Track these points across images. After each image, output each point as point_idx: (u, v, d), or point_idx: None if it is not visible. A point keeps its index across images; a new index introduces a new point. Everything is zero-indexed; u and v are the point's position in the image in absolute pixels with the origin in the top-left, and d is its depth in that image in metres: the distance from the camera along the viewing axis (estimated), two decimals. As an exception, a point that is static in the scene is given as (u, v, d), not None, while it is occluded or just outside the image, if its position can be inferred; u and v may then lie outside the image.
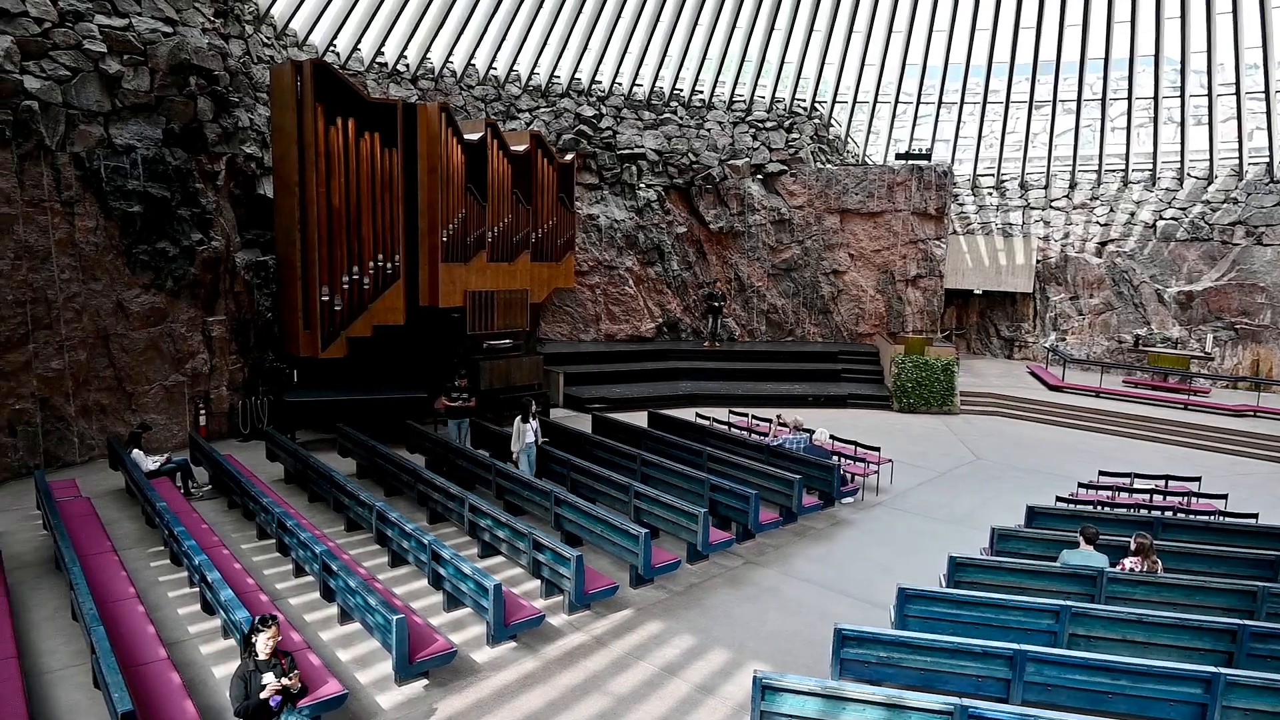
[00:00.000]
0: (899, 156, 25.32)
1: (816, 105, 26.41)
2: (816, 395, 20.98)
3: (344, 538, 10.91)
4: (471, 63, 23.47)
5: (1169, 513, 11.68)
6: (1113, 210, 25.09)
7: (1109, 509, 11.94)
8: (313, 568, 9.07)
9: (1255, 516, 10.96)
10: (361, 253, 15.49)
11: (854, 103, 26.69)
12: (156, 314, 14.59)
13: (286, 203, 15.17)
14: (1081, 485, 13.02)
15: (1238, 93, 22.55)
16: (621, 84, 25.20)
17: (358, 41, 21.35)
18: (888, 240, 24.71)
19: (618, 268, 24.08)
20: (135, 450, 12.47)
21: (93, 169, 13.56)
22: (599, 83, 24.99)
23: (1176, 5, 21.85)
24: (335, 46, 21.20)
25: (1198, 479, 12.82)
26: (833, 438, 14.72)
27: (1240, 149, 23.24)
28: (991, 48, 24.47)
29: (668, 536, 10.82)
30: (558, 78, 24.58)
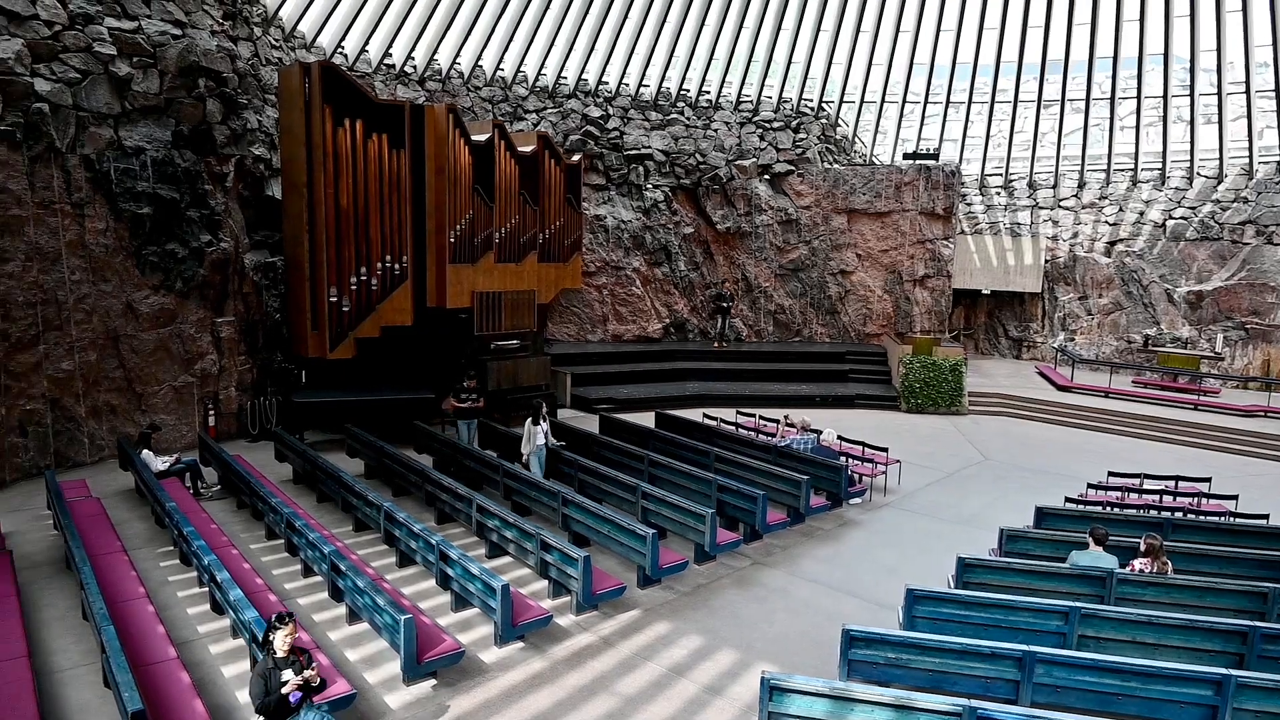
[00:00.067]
0: (906, 156, 25.26)
1: (824, 105, 26.36)
2: (824, 395, 20.95)
3: (352, 538, 10.94)
4: (479, 64, 23.51)
5: (1179, 514, 11.62)
6: (1122, 210, 24.99)
7: (1118, 510, 11.90)
8: (321, 568, 9.10)
9: (1266, 517, 10.90)
10: (369, 254, 15.54)
11: (861, 102, 26.65)
12: (166, 315, 14.67)
13: (295, 204, 15.24)
14: (1090, 486, 12.96)
15: (1247, 91, 22.44)
16: (628, 84, 25.21)
17: (365, 43, 21.41)
18: (895, 240, 24.66)
19: (625, 268, 24.09)
20: (145, 451, 12.54)
21: (103, 171, 13.63)
22: (606, 83, 25.01)
23: (1185, 4, 21.75)
24: (343, 48, 21.27)
25: (1208, 480, 12.76)
26: (840, 438, 14.69)
27: (1250, 148, 23.12)
28: (999, 47, 24.41)
29: (675, 537, 10.82)
30: (565, 78, 24.60)
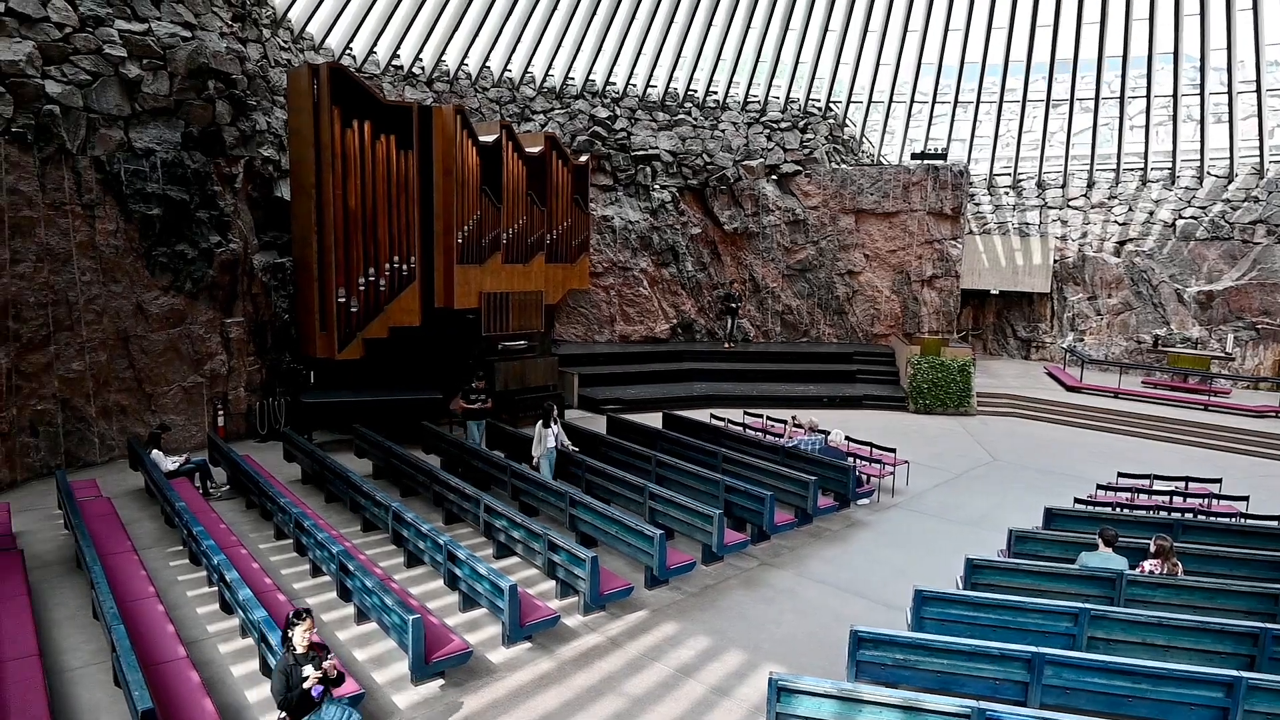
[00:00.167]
0: (914, 156, 25.19)
1: (831, 105, 26.32)
2: (832, 396, 20.91)
3: (360, 538, 10.98)
4: (486, 65, 23.56)
5: (1189, 515, 11.56)
6: (1131, 209, 24.87)
7: (1128, 511, 11.84)
8: (330, 568, 9.13)
9: (1277, 519, 10.83)
10: (377, 254, 15.58)
11: (869, 102, 26.59)
12: (175, 316, 14.73)
13: (303, 205, 15.29)
14: (1100, 487, 12.91)
15: (1258, 90, 22.30)
16: (636, 85, 25.22)
17: (374, 44, 21.48)
18: (903, 240, 24.60)
19: (632, 269, 24.09)
20: (155, 451, 12.60)
21: (113, 172, 13.71)
22: (613, 84, 25.03)
23: (1195, 2, 21.64)
24: (351, 50, 21.34)
25: (1218, 480, 12.69)
26: (848, 439, 14.66)
27: (1261, 147, 22.98)
28: (1008, 46, 24.32)
29: (683, 538, 10.81)
30: (572, 79, 24.63)
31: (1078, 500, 11.82)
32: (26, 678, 6.75)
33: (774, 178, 24.78)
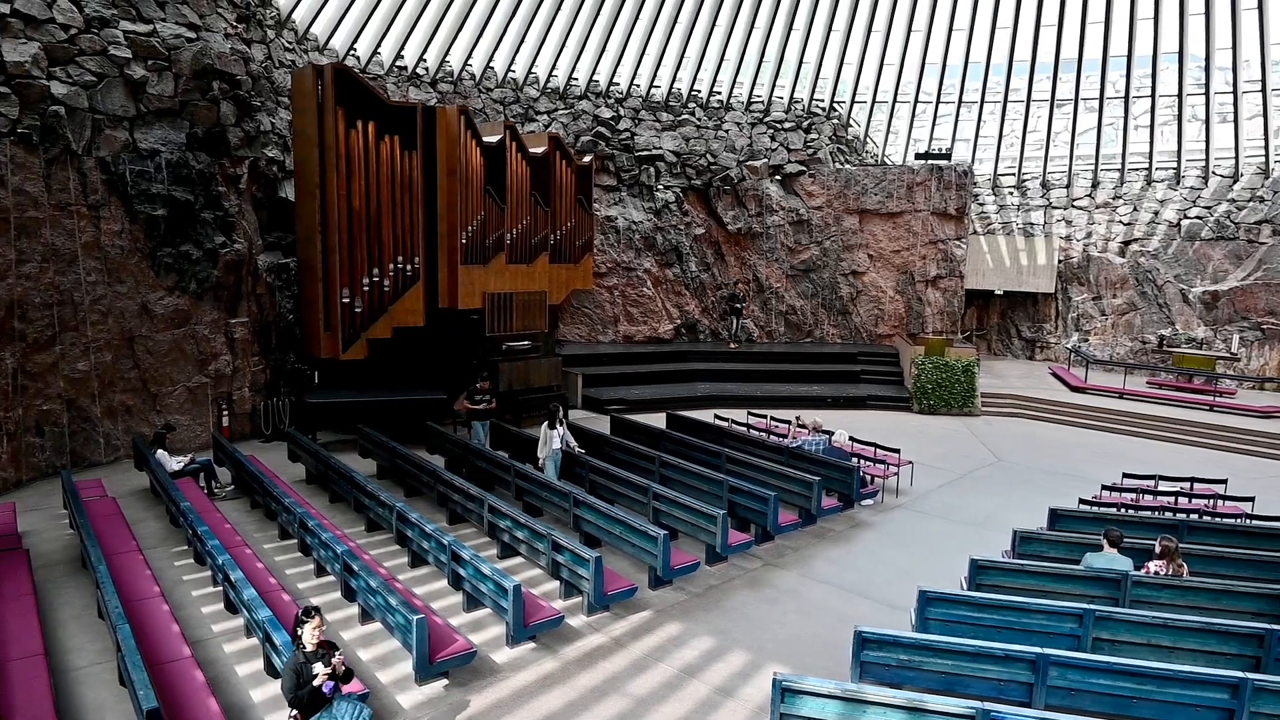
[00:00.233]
0: (918, 156, 25.17)
1: (835, 105, 26.30)
2: (835, 397, 20.89)
3: (365, 538, 10.98)
4: (490, 65, 23.58)
5: (1194, 515, 11.53)
6: (1136, 209, 24.82)
7: (1133, 511, 11.81)
8: (334, 568, 9.14)
9: (1283, 520, 10.81)
10: (381, 255, 15.60)
11: (873, 102, 26.57)
12: (180, 316, 14.77)
13: (308, 205, 15.31)
14: (1105, 487, 12.87)
15: (1263, 89, 22.25)
16: (639, 85, 25.23)
17: (378, 45, 21.51)
18: (907, 241, 24.57)
19: (636, 269, 24.10)
20: (160, 450, 12.63)
21: (118, 173, 13.74)
22: (617, 84, 25.04)
23: (1200, 2, 21.59)
24: (355, 51, 21.37)
25: (1224, 481, 12.66)
26: (852, 439, 14.64)
27: (1266, 146, 22.92)
28: (1012, 46, 24.30)
29: (686, 538, 10.81)
30: (576, 80, 24.64)
31: (1082, 501, 11.79)
32: (32, 677, 6.77)
33: (778, 178, 24.77)
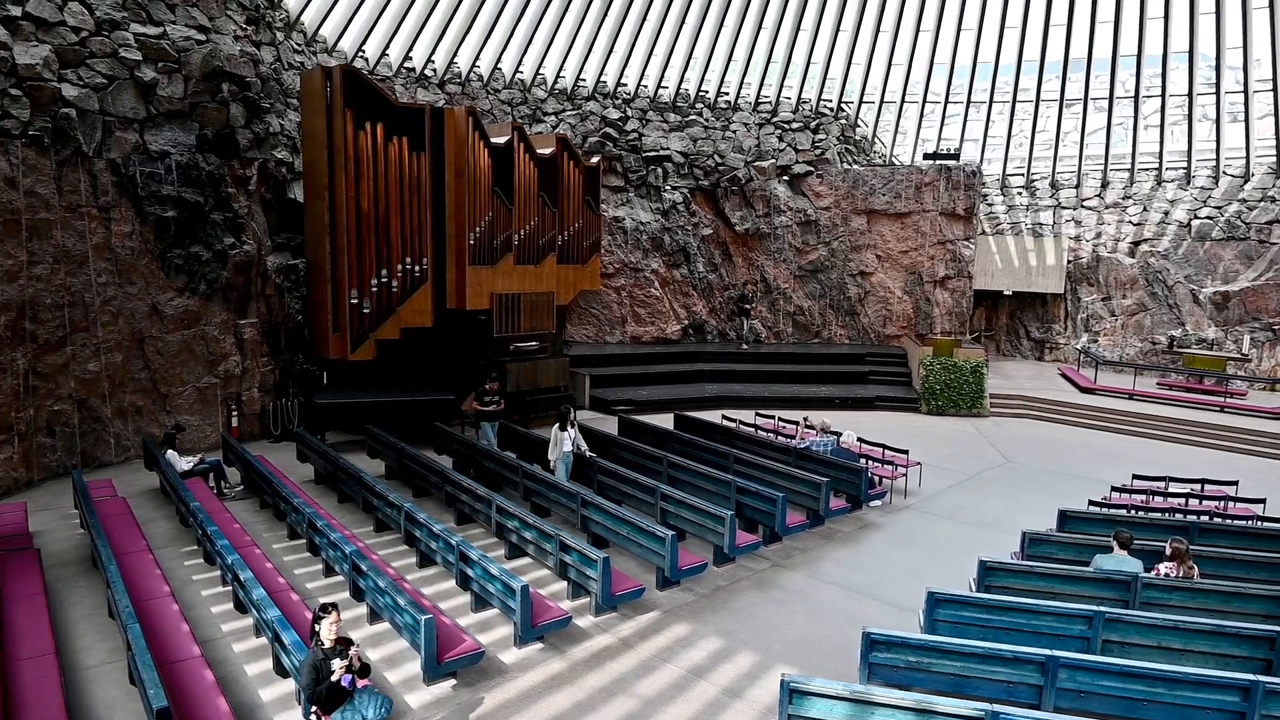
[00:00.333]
0: (927, 156, 25.09)
1: (843, 105, 26.24)
2: (843, 397, 20.84)
3: (373, 538, 11.01)
4: (498, 66, 23.62)
5: (1205, 517, 11.46)
6: (1146, 209, 24.69)
7: (1143, 513, 11.75)
8: (342, 568, 9.17)
9: (1295, 521, 10.74)
10: (390, 256, 15.65)
11: (881, 103, 26.51)
12: (190, 317, 14.84)
13: (316, 207, 15.37)
14: (1115, 489, 12.82)
15: (1275, 88, 22.09)
16: (647, 86, 25.23)
17: (386, 47, 21.58)
18: (915, 241, 24.50)
19: (643, 270, 24.09)
20: (169, 451, 12.69)
21: (128, 175, 13.82)
22: (624, 85, 25.04)
23: (1211, 1, 21.48)
24: (364, 52, 21.44)
25: (1235, 483, 12.58)
26: (860, 440, 14.61)
27: (1277, 146, 22.77)
28: (1021, 45, 24.20)
29: (694, 539, 10.81)
30: (583, 80, 24.66)
31: (1092, 502, 11.74)
32: (43, 675, 6.81)
33: (785, 178, 24.73)
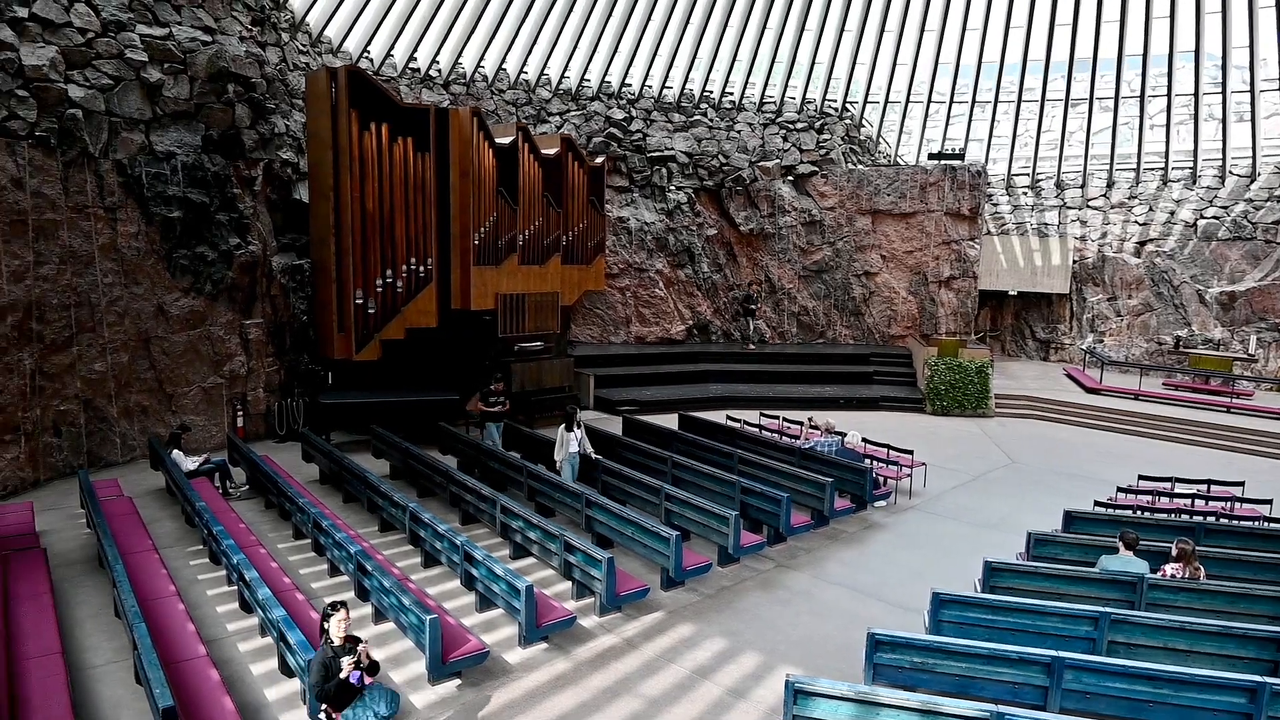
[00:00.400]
0: (932, 157, 25.06)
1: (848, 106, 26.23)
2: (848, 398, 20.82)
3: (378, 538, 11.03)
4: (502, 67, 23.65)
5: (1211, 518, 11.42)
6: (1152, 209, 24.63)
7: (1149, 514, 11.72)
8: (348, 567, 9.18)
9: (1302, 522, 10.70)
10: (394, 256, 15.67)
11: (886, 103, 26.48)
12: (195, 317, 14.87)
13: (321, 207, 15.40)
14: (1120, 490, 12.78)
15: (1282, 88, 22.05)
16: (651, 86, 25.24)
17: (391, 47, 21.61)
18: (920, 241, 24.47)
19: (648, 270, 24.10)
20: (175, 451, 12.72)
21: (134, 175, 13.86)
22: (629, 85, 25.05)
23: (1217, 1, 21.41)
24: (369, 53, 21.48)
25: (1241, 484, 12.54)
26: (865, 440, 14.60)
27: (1285, 146, 22.72)
28: (1026, 45, 24.16)
29: (699, 539, 10.80)
30: (588, 81, 24.68)
31: (1098, 503, 11.73)
32: (49, 674, 6.83)
33: (790, 178, 24.72)
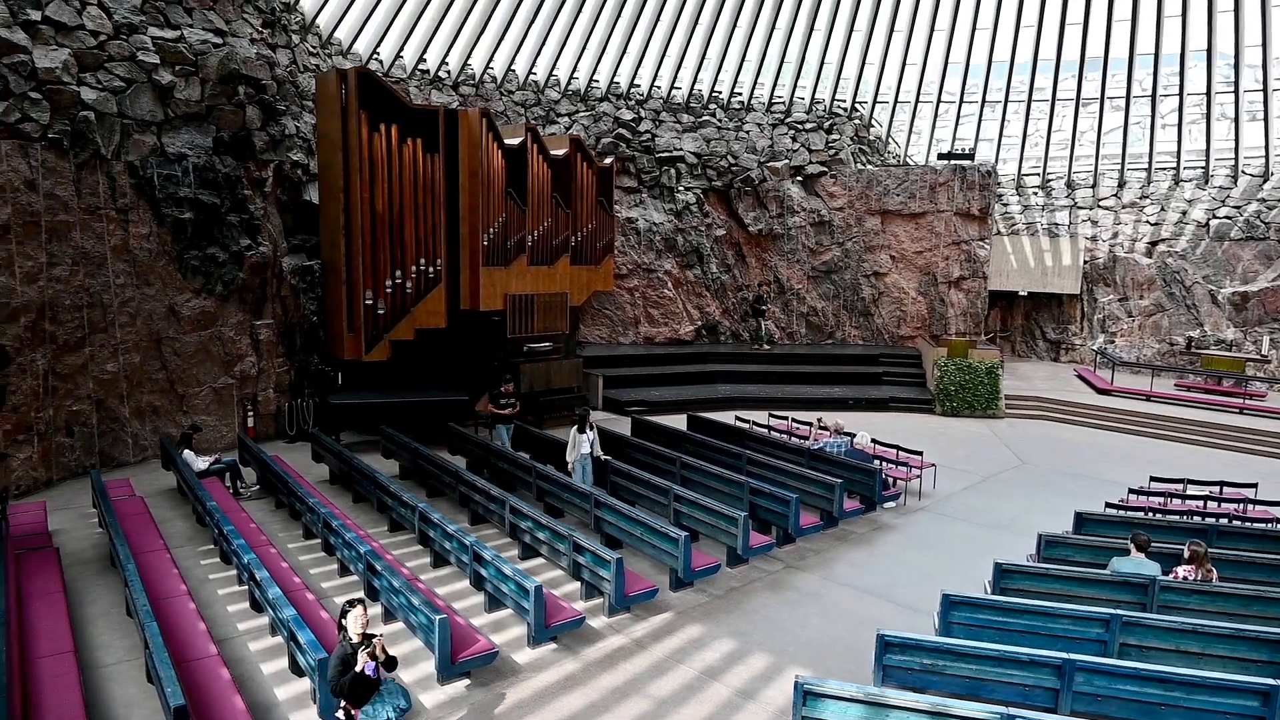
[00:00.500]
0: (941, 156, 24.96)
1: (857, 106, 26.15)
2: (857, 398, 20.77)
3: (387, 538, 11.06)
4: (511, 68, 23.68)
5: (1224, 520, 11.34)
6: (1163, 209, 24.48)
7: (1161, 516, 11.64)
8: (357, 567, 9.21)
9: (1316, 524, 10.62)
10: (404, 257, 15.72)
11: (895, 103, 26.41)
12: (207, 318, 14.95)
13: (331, 208, 15.46)
14: (1132, 491, 12.71)
15: (1295, 87, 21.89)
16: (660, 87, 25.23)
17: (400, 49, 21.68)
18: (930, 241, 24.38)
19: (656, 270, 24.09)
20: (186, 451, 12.79)
21: (146, 177, 13.95)
22: (638, 86, 25.05)
23: (1230, -2, 21.31)
24: (378, 54, 21.55)
25: (1254, 485, 12.45)
26: (874, 441, 14.55)
27: (1298, 145, 22.55)
28: (1036, 44, 24.05)
29: (707, 540, 10.79)
30: (597, 82, 24.69)
31: (1109, 505, 11.65)
32: (62, 673, 6.88)
33: (799, 179, 24.67)
